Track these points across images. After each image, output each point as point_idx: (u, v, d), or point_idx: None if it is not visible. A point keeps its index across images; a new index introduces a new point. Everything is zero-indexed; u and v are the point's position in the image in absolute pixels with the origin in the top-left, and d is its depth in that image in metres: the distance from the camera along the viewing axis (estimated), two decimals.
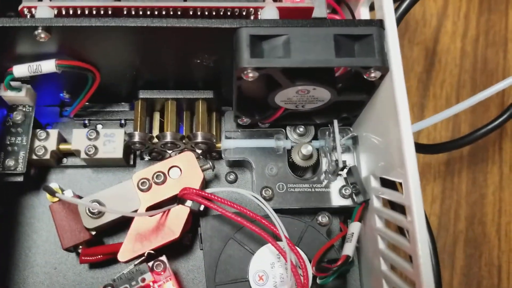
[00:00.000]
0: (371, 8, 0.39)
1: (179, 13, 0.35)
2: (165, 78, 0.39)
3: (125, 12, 0.35)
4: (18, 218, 0.39)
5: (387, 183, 0.35)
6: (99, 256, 0.37)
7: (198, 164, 0.38)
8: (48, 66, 0.35)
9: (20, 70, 0.35)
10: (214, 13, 0.35)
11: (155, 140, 0.39)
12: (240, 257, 0.36)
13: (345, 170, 0.38)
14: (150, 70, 0.38)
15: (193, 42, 0.34)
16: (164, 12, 0.35)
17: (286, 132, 0.41)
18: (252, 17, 0.36)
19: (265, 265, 0.36)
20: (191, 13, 0.35)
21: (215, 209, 0.34)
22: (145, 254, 0.35)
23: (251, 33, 0.32)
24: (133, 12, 0.35)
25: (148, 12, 0.35)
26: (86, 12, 0.34)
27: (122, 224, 0.37)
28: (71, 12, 0.34)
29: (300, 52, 0.32)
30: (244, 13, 0.35)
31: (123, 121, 0.42)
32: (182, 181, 0.37)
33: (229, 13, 0.35)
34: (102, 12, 0.34)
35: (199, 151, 0.40)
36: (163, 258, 0.35)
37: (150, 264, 0.35)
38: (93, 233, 0.36)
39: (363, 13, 0.40)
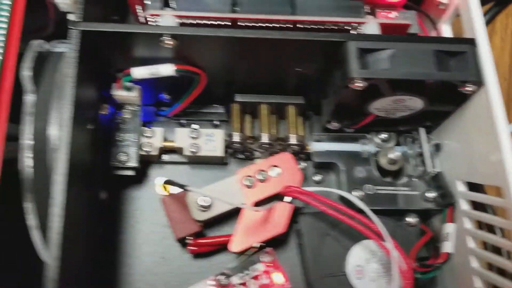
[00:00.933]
0: None
1: (289, 25, 0.38)
2: (260, 83, 0.42)
3: (240, 24, 0.38)
4: (123, 208, 0.42)
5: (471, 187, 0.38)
6: (207, 247, 0.39)
7: (296, 164, 0.41)
8: (167, 69, 0.37)
9: (140, 72, 0.38)
10: (320, 27, 0.38)
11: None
12: (336, 252, 0.39)
13: (431, 175, 0.41)
14: (251, 76, 0.40)
15: (300, 53, 0.37)
16: (275, 25, 0.38)
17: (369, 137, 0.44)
18: (354, 32, 0.39)
19: (361, 261, 0.38)
20: (299, 26, 0.38)
21: (317, 207, 0.37)
22: (257, 246, 0.38)
23: (359, 46, 0.35)
24: (247, 24, 0.38)
25: (262, 24, 0.38)
26: (205, 22, 0.37)
27: (224, 218, 0.40)
28: (191, 21, 0.37)
29: (405, 65, 0.35)
30: (347, 28, 0.38)
31: (217, 122, 0.44)
32: (283, 179, 0.40)
33: (334, 27, 0.38)
34: (219, 23, 0.37)
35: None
36: (271, 250, 0.38)
37: (259, 255, 0.38)
38: (201, 225, 0.39)
39: (445, 30, 0.43)
